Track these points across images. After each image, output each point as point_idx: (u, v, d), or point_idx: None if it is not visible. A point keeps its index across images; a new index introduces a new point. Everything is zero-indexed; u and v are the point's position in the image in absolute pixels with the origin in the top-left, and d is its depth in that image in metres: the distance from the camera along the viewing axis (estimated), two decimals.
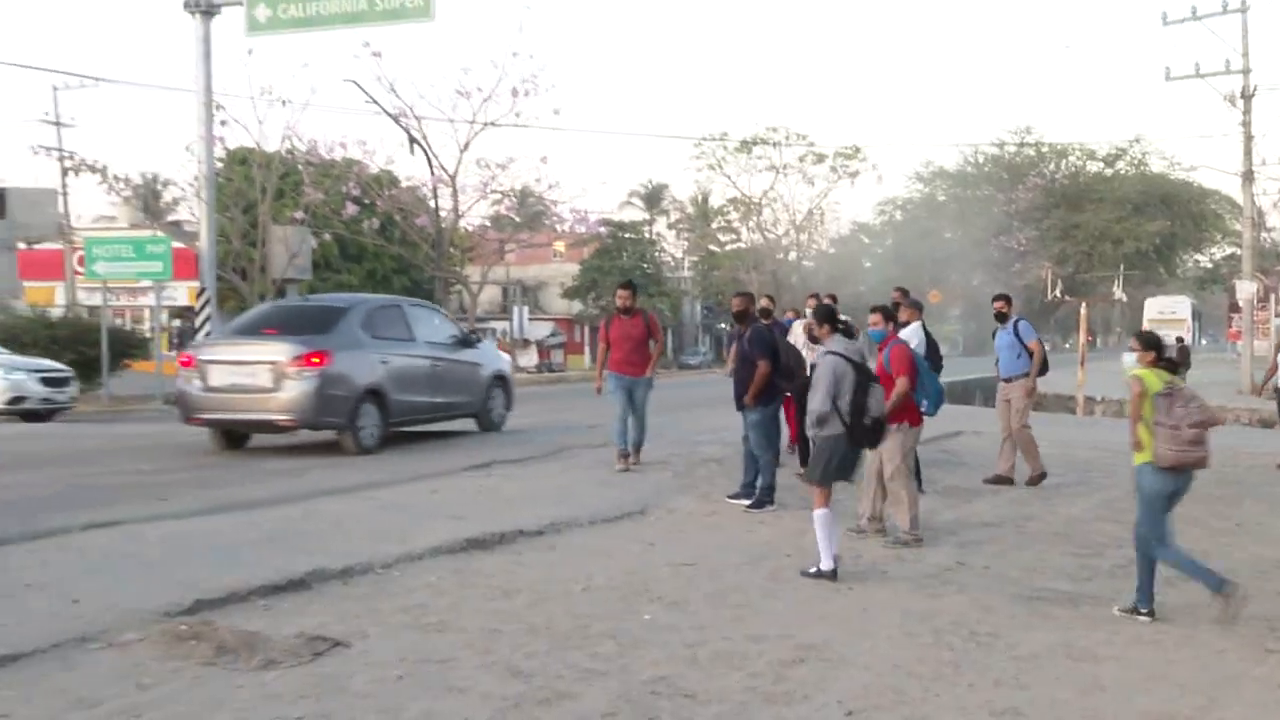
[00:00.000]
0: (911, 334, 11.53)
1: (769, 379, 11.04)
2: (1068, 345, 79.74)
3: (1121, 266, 79.62)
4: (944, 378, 11.57)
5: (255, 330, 15.47)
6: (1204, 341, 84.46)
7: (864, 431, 8.48)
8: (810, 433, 8.83)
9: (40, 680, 5.51)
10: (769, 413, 11.29)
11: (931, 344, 12.14)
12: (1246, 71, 33.47)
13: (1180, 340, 42.21)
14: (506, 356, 21.33)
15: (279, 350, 14.31)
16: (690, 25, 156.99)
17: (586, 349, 66.95)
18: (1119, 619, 7.19)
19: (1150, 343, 7.65)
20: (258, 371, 14.28)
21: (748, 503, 11.13)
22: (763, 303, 13.80)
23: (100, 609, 6.67)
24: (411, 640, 6.28)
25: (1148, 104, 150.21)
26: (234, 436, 15.49)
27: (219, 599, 6.95)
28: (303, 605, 7.00)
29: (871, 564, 8.70)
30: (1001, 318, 13.32)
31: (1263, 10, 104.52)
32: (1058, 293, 75.45)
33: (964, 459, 14.85)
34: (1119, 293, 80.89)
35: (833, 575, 8.20)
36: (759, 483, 11.19)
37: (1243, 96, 33.67)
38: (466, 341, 17.46)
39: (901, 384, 9.39)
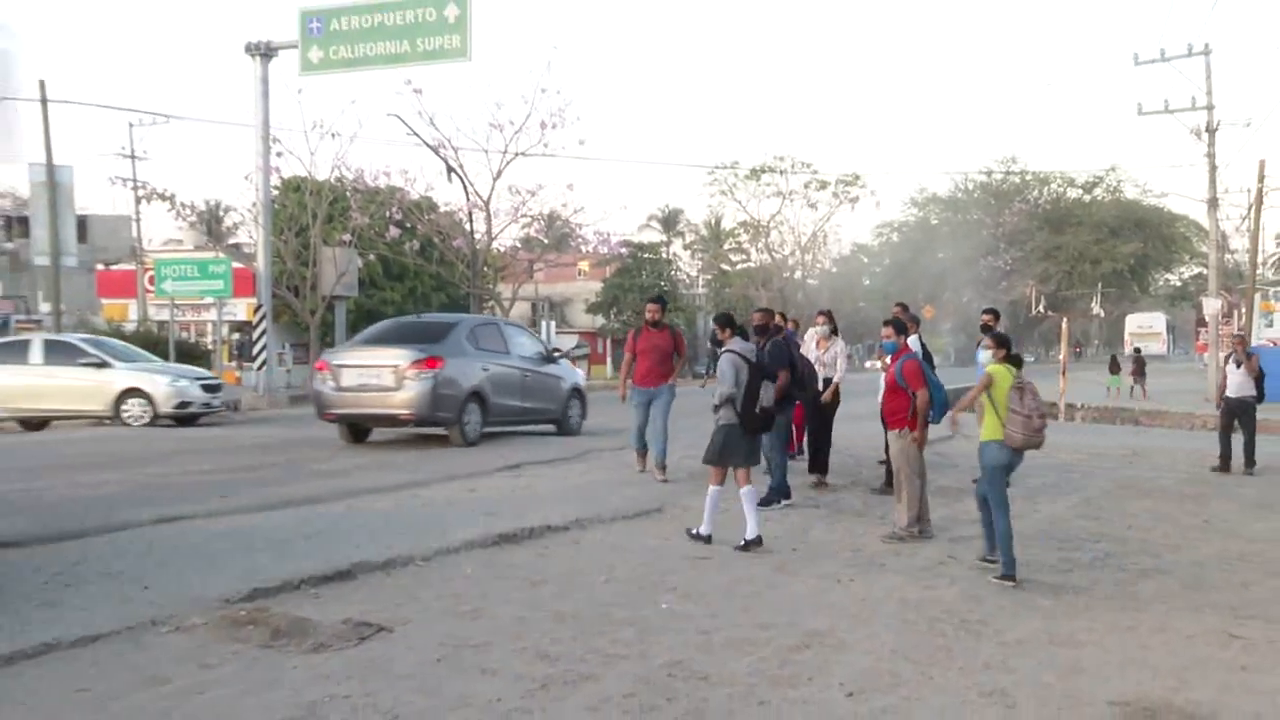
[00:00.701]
0: (910, 345, 11.50)
1: (787, 388, 11.00)
2: (1050, 355, 79.55)
3: (1099, 284, 79.29)
4: None
5: (380, 340, 16.59)
6: (1178, 353, 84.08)
7: (754, 419, 9.09)
8: (715, 419, 9.30)
9: (116, 659, 5.54)
10: (785, 419, 11.22)
11: (926, 354, 12.12)
12: (1210, 108, 33.56)
13: (1138, 350, 42.37)
14: (581, 372, 21.65)
15: (400, 356, 15.50)
16: (705, 62, 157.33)
17: (609, 360, 66.88)
18: (1101, 608, 7.17)
19: (1001, 341, 8.70)
20: (382, 374, 15.39)
21: (789, 502, 11.06)
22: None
23: (168, 595, 6.70)
24: (449, 626, 6.28)
25: (1122, 136, 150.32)
26: (358, 431, 16.52)
27: (274, 587, 6.97)
28: (349, 594, 7.01)
29: (870, 558, 8.67)
30: (987, 329, 13.29)
31: (1224, 54, 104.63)
32: (1041, 308, 75.19)
33: (955, 461, 14.80)
34: (1097, 308, 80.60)
35: (708, 540, 8.93)
36: (770, 483, 11.14)
37: (1207, 130, 33.75)
38: (550, 358, 18.47)
39: (923, 395, 9.50)
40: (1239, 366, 15.08)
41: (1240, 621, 6.90)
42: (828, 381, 12.20)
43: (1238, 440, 15.15)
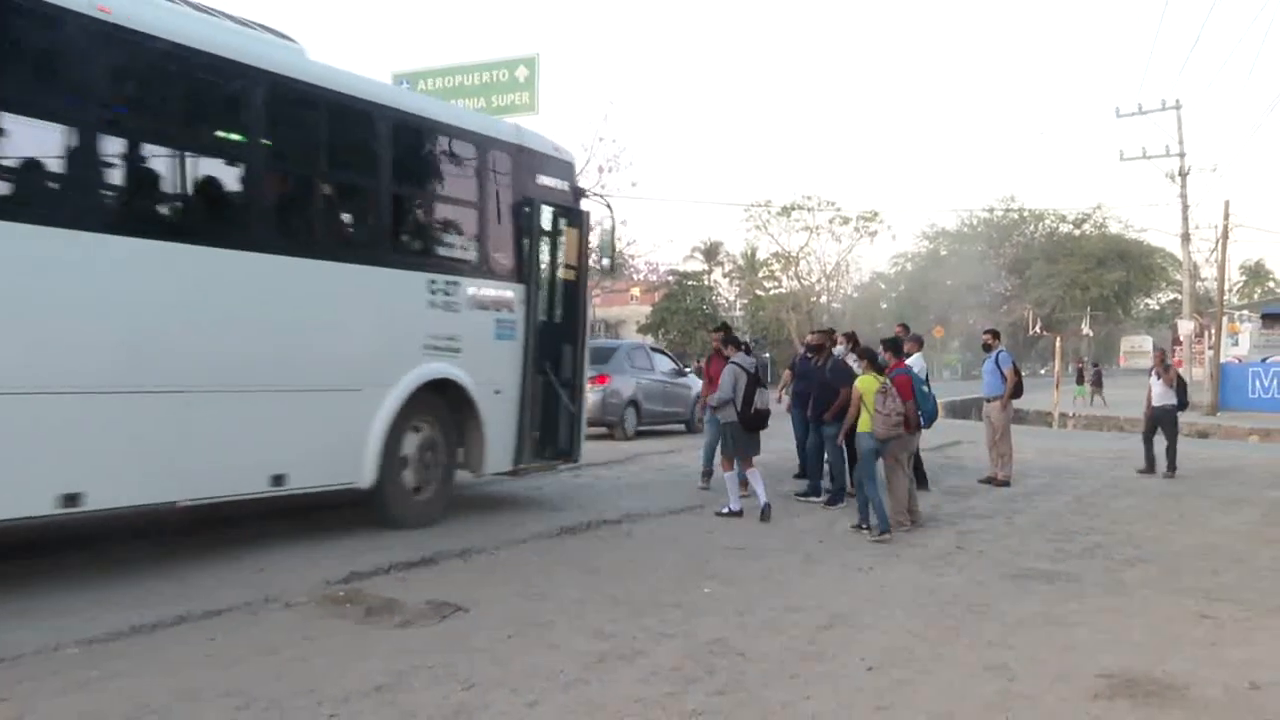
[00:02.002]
0: (915, 362, 11.38)
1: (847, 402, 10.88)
2: (1043, 371, 78.88)
3: (1088, 308, 78.25)
4: (945, 397, 11.47)
5: None
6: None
7: (750, 418, 9.70)
8: (718, 417, 10.06)
9: (235, 629, 5.62)
10: (838, 430, 11.07)
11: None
12: (1182, 155, 33.72)
13: (1096, 365, 42.43)
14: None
15: None
16: (742, 112, 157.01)
17: None
18: (1091, 592, 7.05)
19: (867, 354, 9.68)
20: None
21: (819, 500, 10.97)
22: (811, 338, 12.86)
23: (279, 577, 6.78)
24: (517, 607, 6.29)
25: (1106, 178, 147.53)
26: None
27: (367, 572, 7.02)
28: (431, 578, 7.04)
29: (887, 549, 8.59)
30: (987, 348, 13.22)
31: (1194, 107, 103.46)
32: (1038, 329, 74.32)
33: (962, 463, 14.64)
34: (1087, 329, 79.58)
35: (739, 514, 9.59)
36: (828, 484, 11.09)
37: (1180, 174, 33.92)
38: (681, 372, 20.48)
39: (910, 406, 9.45)
40: (1159, 379, 14.72)
41: (1211, 604, 6.78)
42: None
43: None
